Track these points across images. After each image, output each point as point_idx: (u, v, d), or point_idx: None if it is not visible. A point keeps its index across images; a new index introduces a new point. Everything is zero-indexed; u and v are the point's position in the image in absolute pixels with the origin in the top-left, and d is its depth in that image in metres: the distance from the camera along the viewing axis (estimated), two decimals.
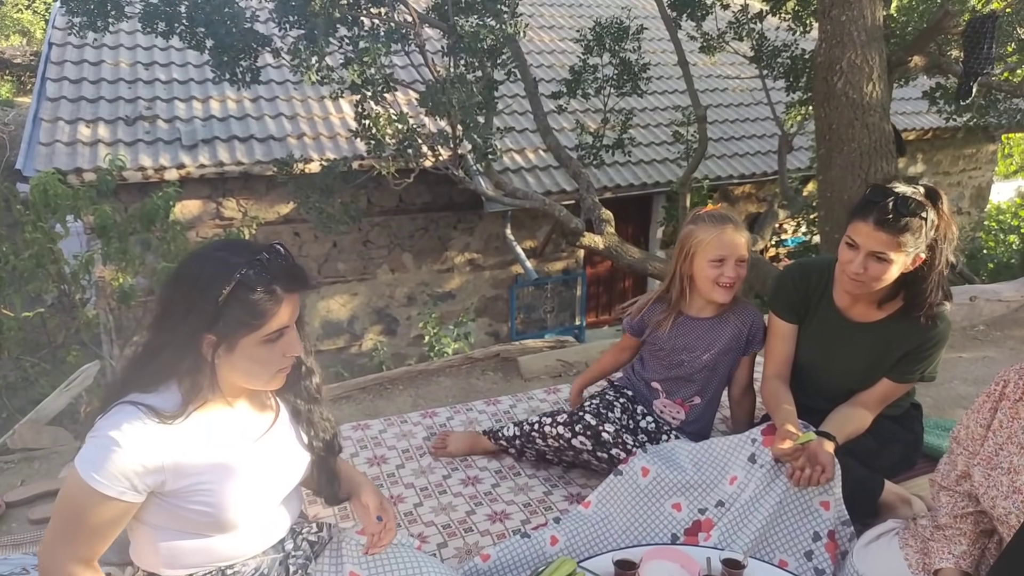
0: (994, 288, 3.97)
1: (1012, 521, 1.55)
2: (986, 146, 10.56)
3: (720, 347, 2.25)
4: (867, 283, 1.92)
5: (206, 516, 1.35)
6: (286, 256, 1.35)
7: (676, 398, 2.32)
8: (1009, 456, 1.58)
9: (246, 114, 6.90)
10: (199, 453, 1.34)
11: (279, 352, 1.35)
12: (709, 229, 2.16)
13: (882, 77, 3.87)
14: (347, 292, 7.46)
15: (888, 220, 1.81)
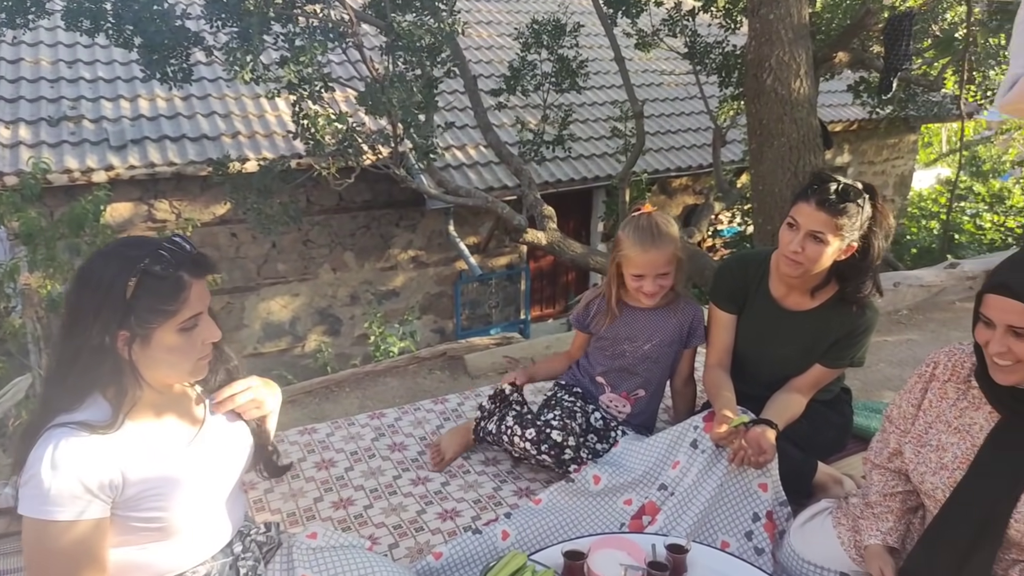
0: (916, 274, 4.18)
1: (939, 496, 1.65)
2: (908, 136, 11.05)
3: (661, 338, 2.31)
4: (803, 264, 2.01)
5: (154, 523, 1.34)
6: (187, 245, 1.36)
7: (621, 391, 2.37)
8: (938, 434, 1.68)
9: (177, 113, 6.69)
10: (141, 459, 1.33)
11: (197, 340, 1.36)
12: (633, 246, 2.19)
13: (809, 73, 4.02)
14: (288, 293, 7.34)
15: (829, 201, 1.93)
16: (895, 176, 11.25)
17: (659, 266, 2.18)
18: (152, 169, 6.07)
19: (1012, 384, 1.50)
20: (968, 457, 1.61)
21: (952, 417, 1.66)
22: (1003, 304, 1.44)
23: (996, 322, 1.46)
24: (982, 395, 1.61)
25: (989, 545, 1.57)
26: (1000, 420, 1.58)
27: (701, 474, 2.07)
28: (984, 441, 1.59)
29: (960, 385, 1.68)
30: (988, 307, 1.48)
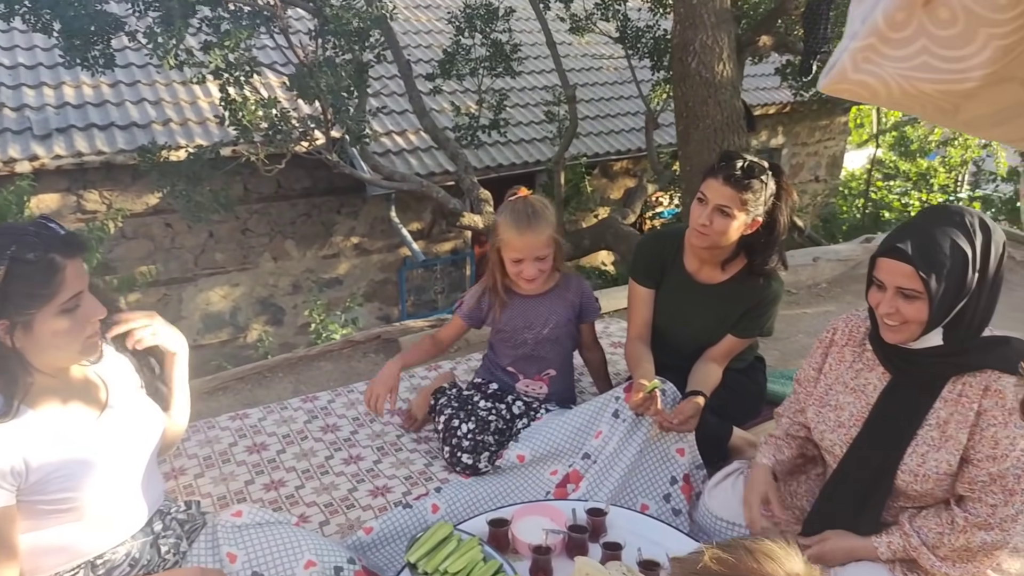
0: (834, 248, 4.37)
1: (837, 451, 1.77)
2: (838, 118, 11.42)
3: (557, 319, 2.37)
4: (712, 236, 2.12)
5: (64, 504, 1.35)
6: (56, 227, 1.35)
7: (533, 376, 2.44)
8: (836, 395, 1.79)
9: (104, 100, 6.50)
10: (44, 444, 1.33)
11: (82, 319, 1.36)
12: (510, 229, 2.20)
13: (732, 57, 4.15)
14: (227, 283, 7.22)
15: (735, 177, 2.03)
16: (827, 157, 11.62)
17: (537, 248, 2.21)
18: (80, 159, 5.90)
19: (899, 342, 1.61)
20: (863, 415, 1.72)
21: (849, 378, 1.78)
22: (893, 267, 1.52)
23: (887, 284, 1.54)
24: (876, 357, 1.72)
25: (880, 494, 1.69)
26: (891, 380, 1.69)
27: (622, 442, 2.17)
28: (876, 400, 1.70)
29: (856, 348, 1.79)
30: (880, 270, 1.56)
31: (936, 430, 1.61)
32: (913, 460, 1.62)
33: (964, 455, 1.58)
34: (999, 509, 1.54)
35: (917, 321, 1.54)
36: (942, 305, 1.51)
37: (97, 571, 1.44)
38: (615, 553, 1.76)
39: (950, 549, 1.59)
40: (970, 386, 1.59)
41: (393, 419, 2.62)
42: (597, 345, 2.56)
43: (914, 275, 1.49)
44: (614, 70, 9.54)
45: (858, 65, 0.77)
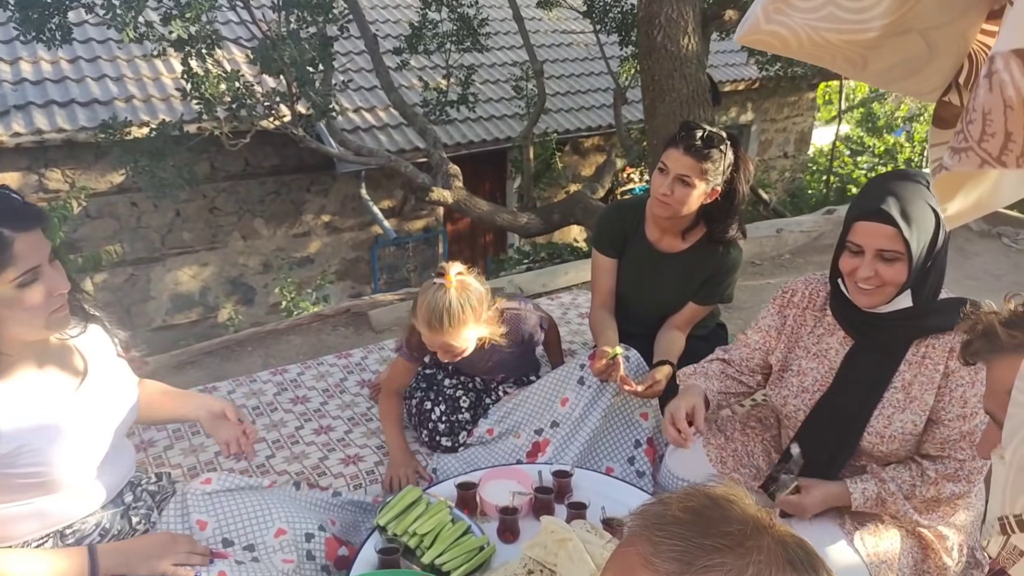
0: (797, 220, 4.46)
1: (799, 416, 1.79)
2: (806, 94, 11.54)
3: (500, 356, 2.25)
4: (672, 205, 2.16)
5: (36, 478, 1.35)
6: (9, 195, 1.32)
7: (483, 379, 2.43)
8: (798, 359, 1.82)
9: (64, 76, 6.35)
10: (15, 416, 1.33)
11: (42, 293, 1.32)
12: (423, 326, 2.01)
13: (697, 30, 4.18)
14: (196, 263, 7.15)
15: (695, 147, 2.07)
16: (795, 133, 11.76)
17: (456, 344, 2.03)
18: (40, 136, 5.78)
19: (871, 307, 1.61)
20: (826, 380, 1.75)
21: (811, 344, 1.80)
22: (874, 229, 1.51)
23: (865, 247, 1.53)
24: (836, 322, 1.75)
25: (844, 455, 1.74)
26: (853, 344, 1.72)
27: (587, 407, 2.22)
28: (840, 364, 1.73)
29: (817, 313, 1.81)
30: (857, 234, 1.54)
31: (901, 392, 1.65)
32: (879, 422, 1.66)
33: (932, 416, 1.63)
34: (967, 463, 1.60)
35: (895, 283, 1.55)
36: (918, 267, 1.53)
37: (67, 540, 1.45)
38: (580, 512, 1.81)
39: (920, 500, 1.64)
40: (934, 348, 1.63)
41: (363, 391, 2.65)
42: (552, 327, 2.49)
43: (897, 236, 1.49)
44: (583, 46, 9.53)
45: (769, 16, 0.80)
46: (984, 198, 0.74)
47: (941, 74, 0.79)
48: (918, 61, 0.78)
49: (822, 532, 1.72)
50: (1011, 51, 0.58)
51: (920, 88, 0.83)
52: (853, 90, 13.93)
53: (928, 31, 0.75)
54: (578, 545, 1.61)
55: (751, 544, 0.66)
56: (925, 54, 0.77)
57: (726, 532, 0.66)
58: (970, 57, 0.76)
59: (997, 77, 0.59)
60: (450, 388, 2.37)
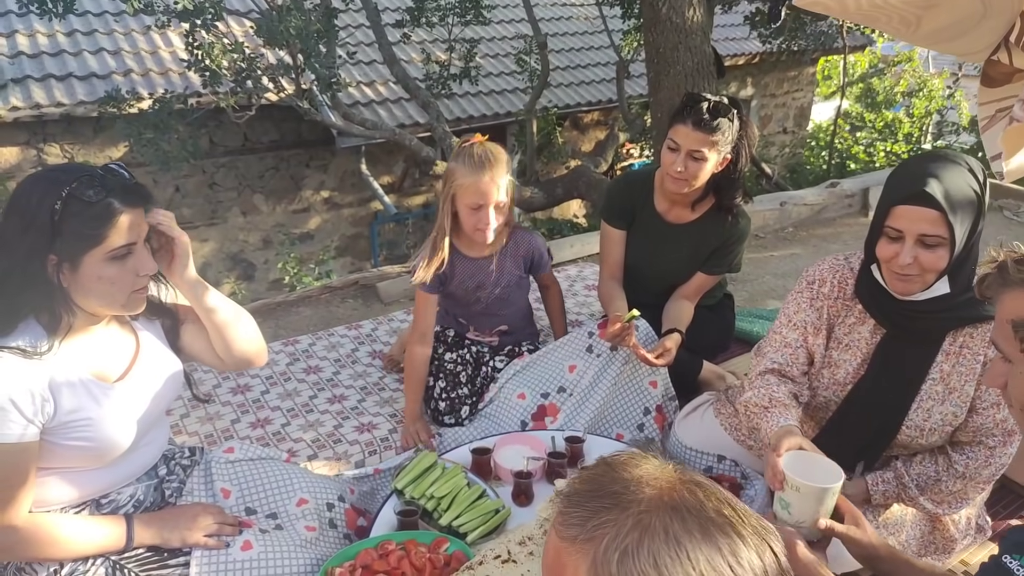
0: (800, 194, 4.48)
1: (831, 408, 1.73)
2: (806, 69, 11.48)
3: (508, 279, 2.30)
4: (687, 180, 2.17)
5: (85, 451, 1.36)
6: (122, 172, 1.34)
7: (484, 330, 2.46)
8: (831, 352, 1.73)
9: (61, 50, 6.28)
10: (75, 386, 1.34)
11: (131, 271, 1.34)
12: (467, 173, 2.04)
13: (701, 2, 4.16)
14: (196, 239, 7.13)
15: (704, 121, 2.08)
16: (795, 108, 11.72)
17: (496, 194, 2.06)
18: (38, 111, 5.73)
19: (908, 294, 1.53)
20: (859, 372, 1.68)
21: (842, 334, 1.71)
22: (917, 213, 1.42)
23: (906, 232, 1.44)
24: (865, 310, 1.66)
25: (878, 447, 1.69)
26: (885, 334, 1.63)
27: (596, 375, 2.25)
28: (873, 355, 1.65)
29: (847, 302, 1.70)
30: (898, 218, 1.45)
31: (940, 384, 1.60)
32: (919, 415, 1.61)
33: (971, 406, 1.59)
34: (996, 450, 1.58)
35: (935, 270, 1.47)
36: (960, 252, 1.45)
37: (103, 509, 1.48)
38: None
39: (948, 493, 1.62)
40: (972, 337, 1.58)
41: (375, 362, 2.68)
42: (554, 284, 2.50)
43: (940, 220, 1.41)
44: (585, 20, 9.45)
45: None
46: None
47: (993, 33, 0.81)
48: (971, 20, 0.80)
49: None
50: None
51: (969, 48, 0.84)
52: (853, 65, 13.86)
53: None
54: None
55: (631, 497, 0.68)
56: (979, 12, 0.78)
57: (612, 492, 0.69)
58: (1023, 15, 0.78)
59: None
60: (450, 363, 2.40)
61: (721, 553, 0.64)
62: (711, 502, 0.68)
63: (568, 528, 0.69)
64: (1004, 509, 1.98)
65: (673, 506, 0.67)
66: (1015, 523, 1.97)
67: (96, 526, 1.41)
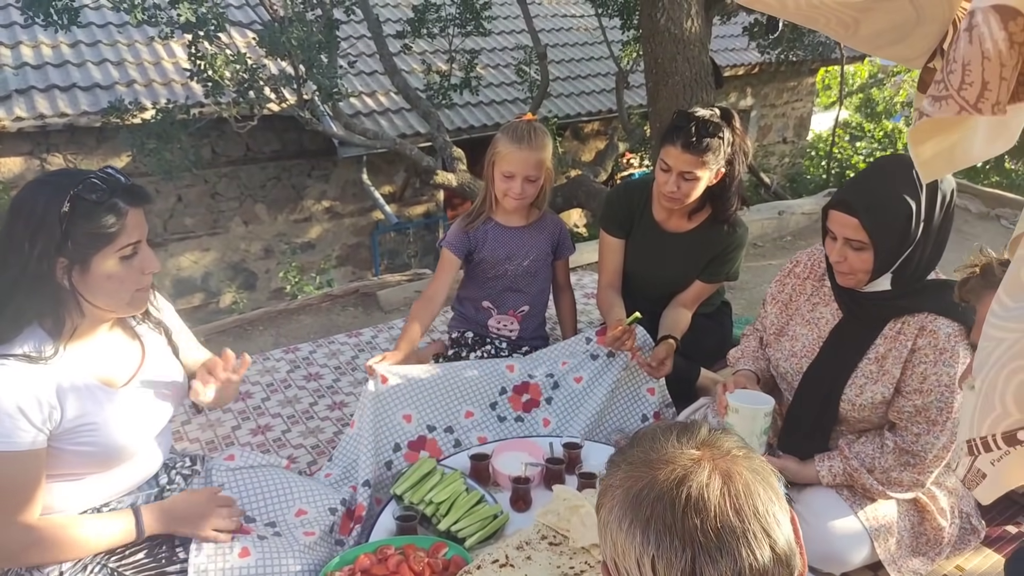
0: (798, 203, 4.50)
1: (790, 379, 1.90)
2: (806, 79, 11.53)
3: (536, 253, 2.42)
4: (681, 199, 2.21)
5: (89, 456, 1.37)
6: (118, 176, 1.37)
7: (508, 310, 2.48)
8: (794, 326, 1.91)
9: (65, 61, 6.33)
10: (80, 391, 1.35)
11: (137, 269, 1.37)
12: (507, 143, 2.23)
13: (700, 13, 4.20)
14: (198, 248, 7.16)
15: (692, 143, 2.10)
16: (795, 118, 11.76)
17: (529, 167, 2.23)
18: (42, 121, 5.77)
19: (850, 287, 1.73)
20: (815, 347, 1.85)
21: (806, 311, 1.89)
22: (841, 219, 1.62)
23: (837, 235, 1.64)
24: (831, 292, 1.84)
25: (827, 419, 1.82)
26: (841, 317, 1.81)
27: (593, 380, 2.26)
28: (828, 334, 1.82)
29: (816, 282, 1.90)
30: (831, 221, 1.65)
31: (874, 364, 1.74)
32: (852, 391, 1.75)
33: (896, 387, 1.72)
34: (922, 437, 1.68)
35: (863, 270, 1.65)
36: (887, 255, 1.63)
37: None
38: (590, 482, 1.87)
39: (881, 471, 1.73)
40: (908, 325, 1.71)
41: None
42: (569, 288, 2.61)
43: (859, 228, 1.59)
44: (584, 31, 9.51)
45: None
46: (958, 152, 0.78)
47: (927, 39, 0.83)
48: (906, 26, 0.82)
49: (826, 505, 1.79)
50: (990, 6, 0.63)
51: (907, 54, 0.87)
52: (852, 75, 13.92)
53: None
54: (591, 511, 1.65)
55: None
56: (912, 18, 0.81)
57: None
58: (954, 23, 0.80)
59: (977, 30, 0.64)
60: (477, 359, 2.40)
61: None
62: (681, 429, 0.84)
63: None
64: (1000, 515, 2.00)
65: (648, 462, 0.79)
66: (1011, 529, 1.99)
67: (106, 521, 1.42)
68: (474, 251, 2.39)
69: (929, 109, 0.67)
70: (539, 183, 2.30)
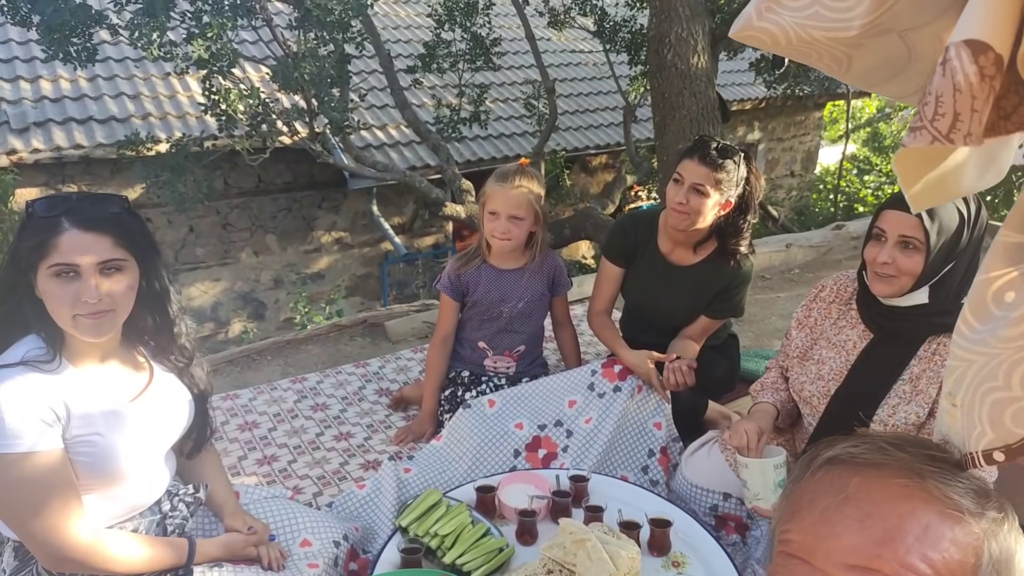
0: (806, 236, 4.51)
1: (815, 403, 1.88)
2: (813, 113, 11.61)
3: (531, 295, 2.42)
4: (688, 215, 2.21)
5: (88, 468, 1.37)
6: (87, 196, 1.37)
7: (503, 351, 2.49)
8: (820, 350, 1.89)
9: (83, 94, 6.47)
10: (85, 401, 1.37)
11: (72, 294, 1.33)
12: (493, 183, 2.27)
13: (706, 49, 4.26)
14: (208, 278, 7.22)
15: (709, 157, 2.14)
16: (802, 152, 11.82)
17: (512, 205, 2.24)
18: (59, 153, 5.87)
19: (888, 296, 1.70)
20: (842, 371, 1.83)
21: (832, 334, 1.88)
22: (899, 217, 1.63)
23: (888, 234, 1.65)
24: (858, 316, 1.84)
25: None
26: (871, 339, 1.80)
27: (600, 418, 2.25)
28: (857, 357, 1.81)
29: (842, 306, 1.90)
30: (884, 220, 1.67)
31: (909, 384, 1.72)
32: (884, 411, 1.73)
33: (931, 409, 1.69)
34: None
35: (911, 273, 1.64)
36: (936, 260, 1.63)
37: None
38: (597, 515, 1.85)
39: None
40: (943, 345, 1.69)
41: (382, 399, 2.69)
42: (569, 323, 2.60)
43: (918, 226, 1.60)
44: (593, 65, 9.64)
45: (761, 14, 0.86)
46: (949, 184, 0.79)
47: (922, 76, 0.85)
48: (899, 62, 0.84)
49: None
50: (962, 41, 0.65)
51: (903, 90, 0.88)
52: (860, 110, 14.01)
53: (906, 33, 0.80)
54: (597, 545, 1.64)
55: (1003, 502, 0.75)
56: (905, 55, 0.83)
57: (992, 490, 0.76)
58: (943, 64, 0.82)
59: (949, 64, 0.65)
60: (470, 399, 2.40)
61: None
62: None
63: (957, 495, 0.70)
64: None
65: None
66: None
67: (155, 546, 1.46)
68: (467, 294, 2.41)
69: (907, 140, 0.69)
70: (526, 224, 2.29)
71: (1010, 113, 0.67)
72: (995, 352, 0.80)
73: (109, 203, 1.39)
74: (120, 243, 1.37)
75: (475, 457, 2.21)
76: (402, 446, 2.39)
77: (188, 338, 1.60)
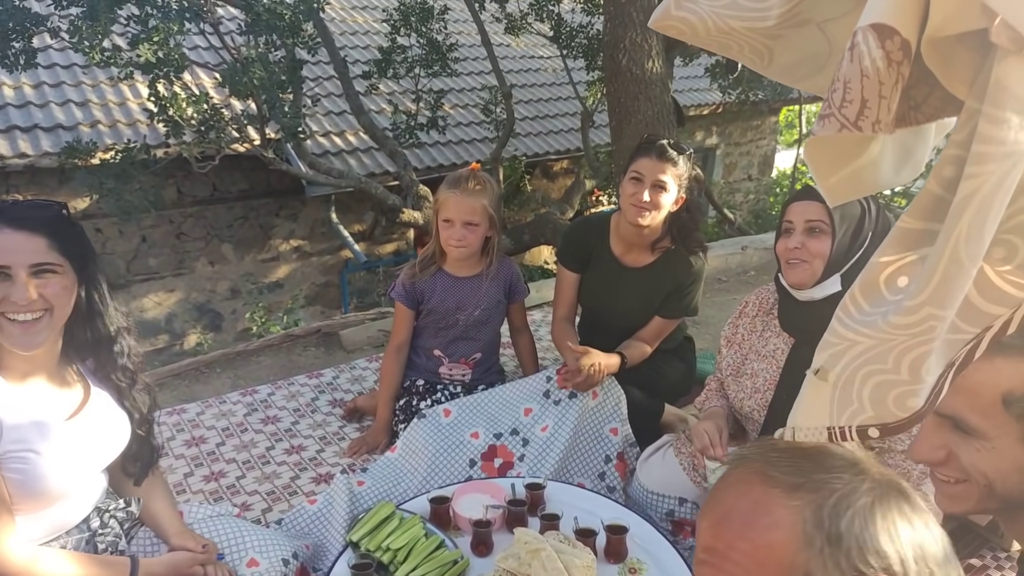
0: (761, 238, 4.56)
1: (756, 416, 1.91)
2: (768, 118, 11.83)
3: (488, 302, 2.41)
4: (650, 211, 2.21)
5: (18, 486, 1.32)
6: (25, 200, 1.38)
7: (459, 359, 2.47)
8: (751, 363, 1.93)
9: (27, 101, 6.26)
10: (18, 416, 1.32)
11: (1, 295, 1.30)
12: (446, 190, 2.26)
13: (661, 54, 4.29)
14: (162, 289, 7.04)
15: (667, 153, 2.17)
16: (759, 156, 12.02)
17: (467, 212, 2.23)
18: (2, 162, 5.67)
19: (801, 283, 1.75)
20: (775, 380, 1.86)
21: (760, 346, 1.93)
22: (803, 206, 1.73)
23: (795, 223, 1.73)
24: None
25: None
26: (794, 344, 1.84)
27: (556, 425, 2.23)
28: (784, 363, 1.85)
29: (765, 317, 1.95)
30: (790, 213, 1.76)
31: None
32: None
33: None
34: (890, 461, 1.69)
35: (820, 255, 1.71)
36: (842, 244, 1.70)
37: None
38: (553, 524, 1.82)
39: None
40: None
41: (335, 410, 2.64)
42: (526, 329, 2.60)
43: (823, 209, 1.69)
44: (551, 71, 9.67)
45: (680, 3, 0.85)
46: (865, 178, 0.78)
47: None
48: (821, 56, 0.83)
49: None
50: (869, 25, 0.63)
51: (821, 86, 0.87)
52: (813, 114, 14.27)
53: (826, 24, 0.79)
54: (551, 554, 1.61)
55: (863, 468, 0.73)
56: (825, 49, 0.82)
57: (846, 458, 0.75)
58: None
59: (857, 49, 0.64)
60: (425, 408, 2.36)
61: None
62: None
63: (787, 475, 0.72)
64: (964, 548, 1.99)
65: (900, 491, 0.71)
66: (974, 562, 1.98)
67: (98, 565, 1.40)
68: (423, 302, 2.38)
69: (816, 128, 0.68)
70: (481, 230, 2.28)
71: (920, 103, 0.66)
72: (886, 337, 0.80)
73: (45, 207, 1.36)
74: (55, 247, 1.34)
75: (430, 468, 2.16)
76: (355, 458, 2.34)
77: (130, 358, 1.54)
